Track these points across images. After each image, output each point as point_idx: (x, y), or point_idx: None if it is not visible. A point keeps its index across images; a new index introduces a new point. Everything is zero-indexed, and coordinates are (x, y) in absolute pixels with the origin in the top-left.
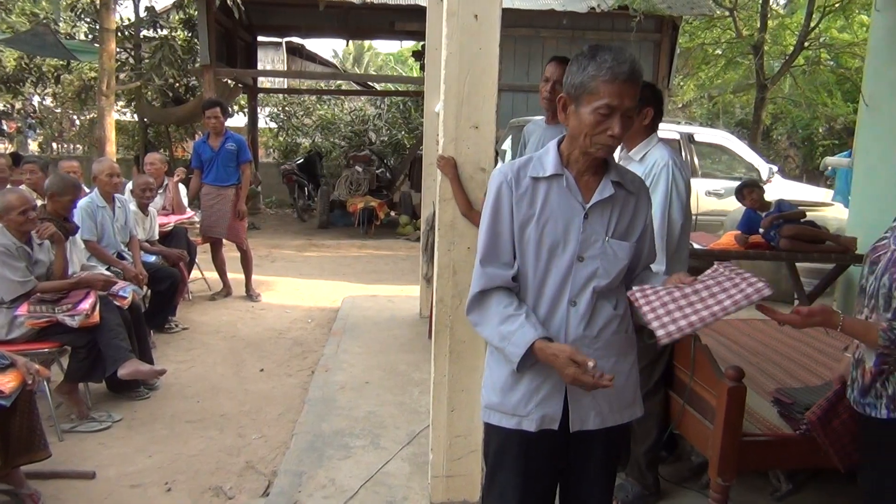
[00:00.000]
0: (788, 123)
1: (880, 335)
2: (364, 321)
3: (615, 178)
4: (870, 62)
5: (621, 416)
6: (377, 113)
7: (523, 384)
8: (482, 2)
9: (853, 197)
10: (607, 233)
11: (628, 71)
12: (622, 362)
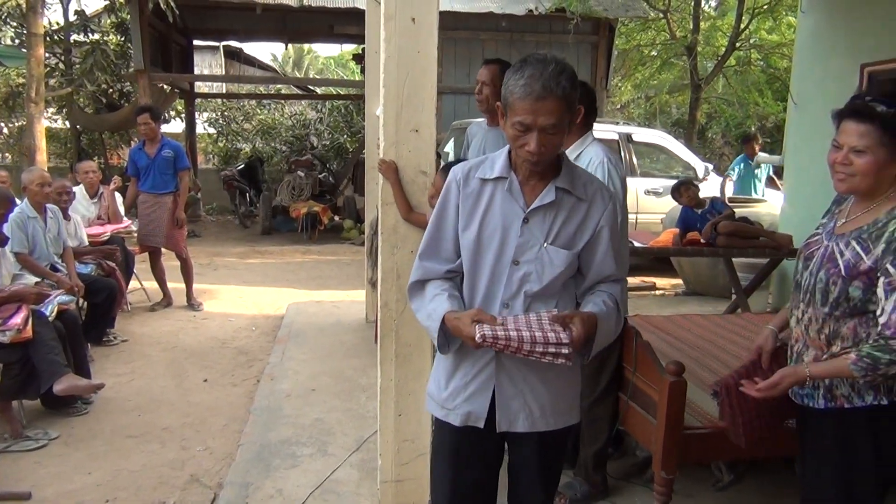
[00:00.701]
0: (722, 122)
1: (853, 368)
2: (309, 327)
3: (561, 185)
4: (797, 62)
5: (554, 422)
6: (318, 117)
7: (455, 379)
8: (419, 5)
9: (786, 193)
10: (546, 239)
11: (540, 88)
12: (557, 370)
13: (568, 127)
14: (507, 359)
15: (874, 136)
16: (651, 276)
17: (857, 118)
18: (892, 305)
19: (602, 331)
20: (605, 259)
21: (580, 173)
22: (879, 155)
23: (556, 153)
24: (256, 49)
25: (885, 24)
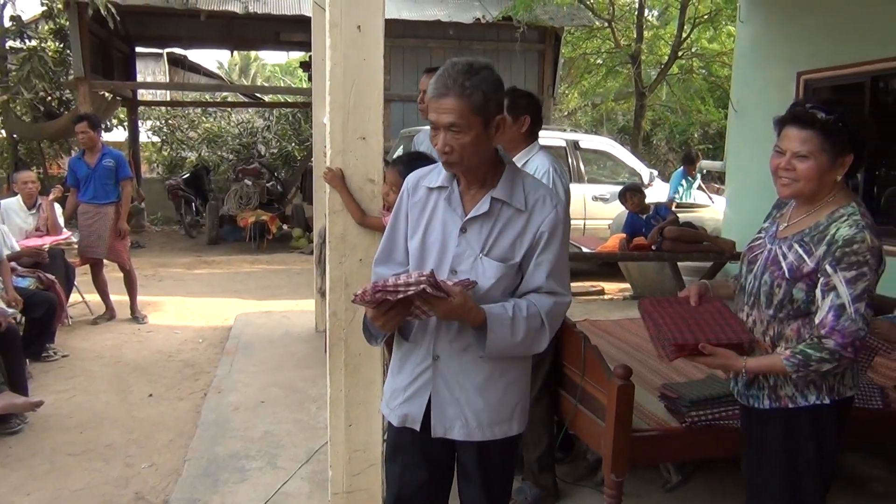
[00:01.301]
0: (667, 129)
1: (785, 364)
2: (258, 339)
3: (497, 195)
4: (737, 70)
5: (492, 432)
6: (266, 125)
7: (397, 379)
8: (365, 12)
9: (728, 198)
10: (482, 249)
11: (441, 86)
12: (496, 380)
13: (487, 130)
14: (444, 365)
15: (816, 142)
16: (599, 280)
17: (799, 124)
18: (827, 305)
19: (498, 331)
20: (535, 271)
21: (525, 183)
22: (821, 160)
23: (473, 156)
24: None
25: (820, 34)
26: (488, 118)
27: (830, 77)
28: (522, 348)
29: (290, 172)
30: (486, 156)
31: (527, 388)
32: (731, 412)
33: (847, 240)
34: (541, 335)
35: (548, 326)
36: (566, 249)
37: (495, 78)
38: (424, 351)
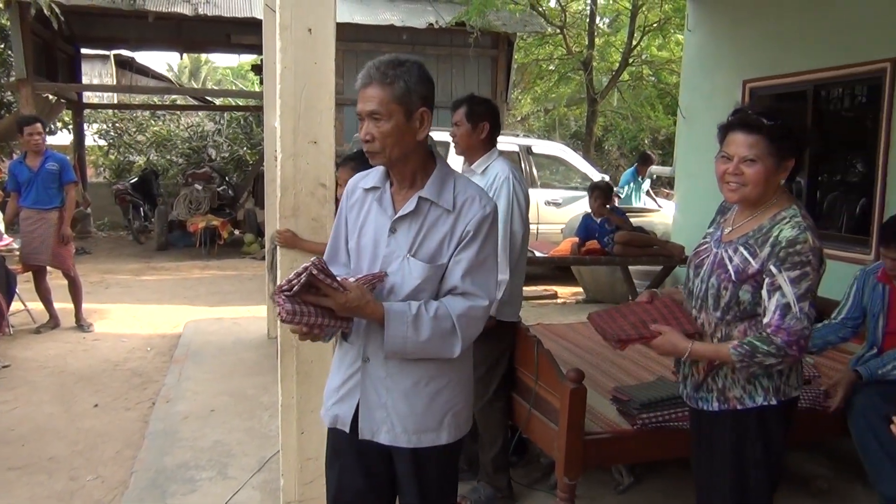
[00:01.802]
0: (618, 135)
1: (732, 353)
2: (208, 346)
3: (425, 195)
4: (685, 78)
5: (418, 439)
6: (217, 128)
7: (333, 380)
8: (315, 16)
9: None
10: (410, 250)
11: (365, 76)
12: (422, 386)
13: (410, 122)
14: (373, 367)
15: (763, 146)
16: (552, 284)
17: (745, 129)
18: (773, 305)
19: (396, 327)
20: (453, 269)
21: (456, 184)
22: (768, 164)
23: (394, 146)
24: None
25: (764, 44)
26: (410, 109)
27: (775, 85)
28: (429, 350)
29: (241, 177)
30: (408, 148)
31: (462, 396)
32: (681, 414)
33: (790, 241)
34: (451, 339)
35: (459, 330)
36: (491, 251)
37: (422, 73)
38: (356, 352)
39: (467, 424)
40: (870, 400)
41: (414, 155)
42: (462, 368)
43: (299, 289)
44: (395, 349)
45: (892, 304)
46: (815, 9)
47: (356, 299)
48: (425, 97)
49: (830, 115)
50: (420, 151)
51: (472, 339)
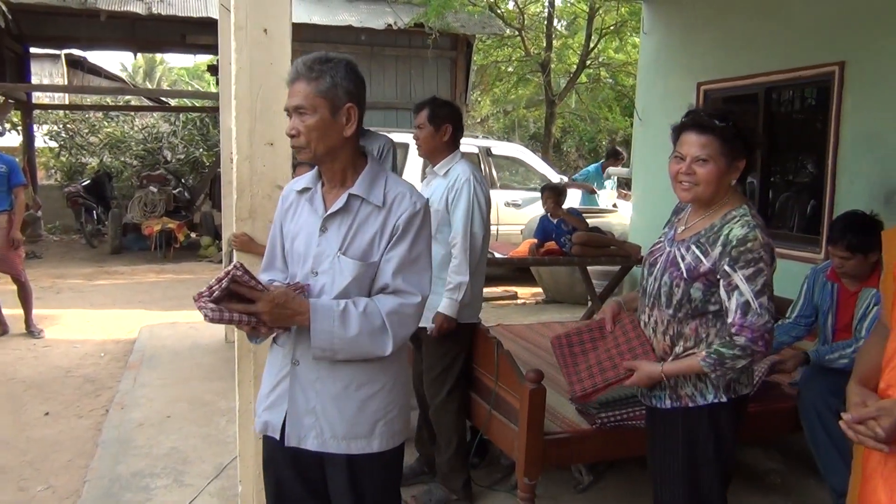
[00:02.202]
0: (576, 136)
1: (702, 364)
2: (164, 351)
3: (355, 192)
4: (641, 80)
5: (348, 445)
6: (172, 130)
7: (263, 386)
8: (271, 16)
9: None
10: (340, 248)
11: (292, 73)
12: (353, 391)
13: (336, 118)
14: (303, 371)
15: (715, 147)
16: (512, 285)
17: (698, 130)
18: (734, 304)
19: (322, 323)
20: (384, 267)
21: (388, 181)
22: (720, 164)
23: (319, 141)
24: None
25: (717, 47)
26: (336, 104)
27: (728, 87)
28: (359, 348)
29: (198, 179)
30: (334, 144)
31: (396, 404)
32: (639, 412)
33: (741, 239)
34: (382, 337)
35: (390, 328)
36: (424, 248)
37: (350, 69)
38: (284, 355)
39: (403, 433)
40: (819, 395)
41: (342, 152)
42: (395, 374)
43: (220, 294)
44: (323, 346)
45: (840, 302)
46: (766, 14)
47: (281, 296)
48: (352, 93)
49: (781, 117)
50: (348, 149)
51: (404, 337)
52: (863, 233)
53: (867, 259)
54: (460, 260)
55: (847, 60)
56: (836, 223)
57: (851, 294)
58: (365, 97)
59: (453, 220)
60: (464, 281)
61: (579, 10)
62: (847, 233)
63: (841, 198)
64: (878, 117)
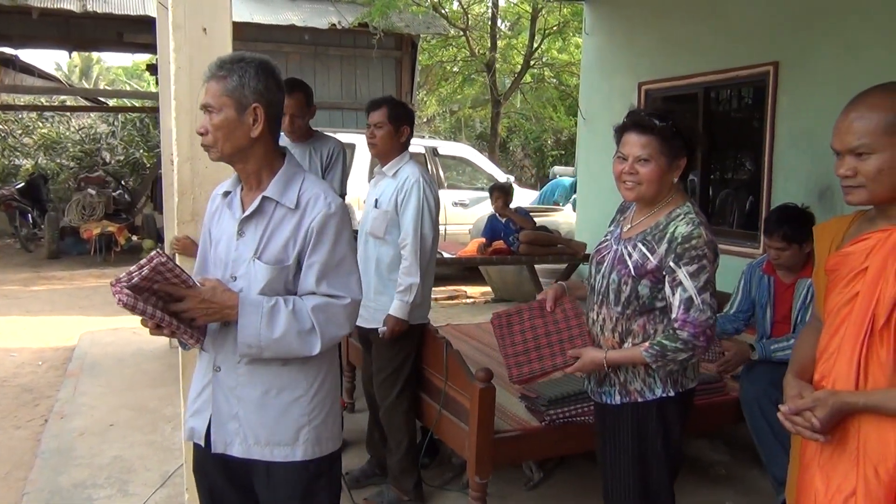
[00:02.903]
0: (522, 136)
1: (645, 354)
2: (106, 358)
3: (268, 194)
4: (584, 80)
5: (271, 452)
6: (111, 130)
7: (191, 391)
8: (211, 14)
9: (579, 202)
10: (255, 252)
11: (207, 71)
12: (273, 396)
13: (242, 117)
14: (224, 376)
15: (655, 146)
16: (461, 284)
17: (639, 130)
18: (678, 300)
19: (250, 319)
20: (306, 274)
21: (304, 183)
22: (661, 163)
23: (225, 141)
24: (36, 57)
25: (658, 48)
26: (243, 104)
27: (668, 87)
28: (285, 347)
29: (138, 180)
30: (241, 144)
31: (322, 410)
32: (587, 408)
33: (685, 236)
34: (310, 337)
35: (318, 328)
36: (347, 251)
37: (262, 69)
38: (207, 361)
39: (332, 441)
40: (761, 387)
41: (251, 153)
42: (319, 380)
43: (138, 280)
44: (249, 342)
45: (777, 295)
46: (704, 15)
47: (208, 291)
48: (260, 93)
49: (720, 116)
50: (259, 150)
51: (333, 338)
52: (797, 223)
53: (802, 249)
54: (410, 262)
55: (780, 61)
56: (771, 215)
57: (787, 286)
58: (281, 99)
59: (403, 222)
60: (415, 282)
61: (522, 10)
62: (783, 224)
63: (777, 194)
64: (810, 116)
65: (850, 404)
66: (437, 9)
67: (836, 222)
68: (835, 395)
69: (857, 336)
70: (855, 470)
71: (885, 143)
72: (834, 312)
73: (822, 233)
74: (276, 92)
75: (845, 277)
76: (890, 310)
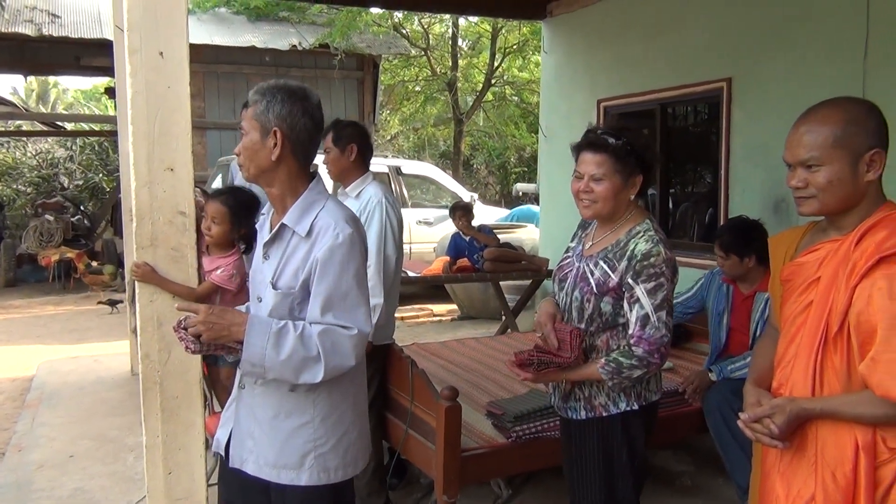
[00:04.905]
0: (485, 153)
1: (601, 371)
2: (65, 387)
3: (286, 221)
4: (544, 98)
5: (278, 475)
6: (69, 155)
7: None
8: (167, 38)
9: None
10: (272, 278)
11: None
12: (282, 420)
13: (264, 140)
14: (247, 395)
15: (609, 165)
16: (427, 303)
17: (593, 149)
18: (634, 316)
19: (256, 339)
20: (312, 304)
21: (323, 210)
22: (615, 181)
23: (250, 161)
24: None
25: (615, 65)
26: (266, 127)
27: (626, 104)
28: (289, 371)
29: (98, 205)
30: (263, 167)
31: (331, 438)
32: (553, 424)
33: (644, 254)
34: (314, 365)
35: (323, 357)
36: (353, 282)
37: (290, 95)
38: (238, 377)
39: (342, 470)
40: (722, 396)
41: (275, 176)
42: (328, 408)
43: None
44: (253, 360)
45: (735, 304)
46: (659, 33)
47: (219, 308)
48: (283, 118)
49: (678, 131)
50: (283, 174)
51: (337, 369)
52: (737, 234)
53: (742, 262)
54: (374, 282)
55: (733, 77)
56: (721, 227)
57: (745, 297)
58: (308, 125)
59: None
60: (378, 303)
61: (483, 29)
62: (723, 233)
63: (734, 207)
64: (764, 129)
65: (807, 410)
66: (397, 29)
67: (791, 233)
68: (792, 402)
69: (812, 344)
70: (813, 475)
71: (833, 156)
72: (790, 321)
73: (777, 243)
74: (301, 117)
75: (799, 287)
76: (842, 318)
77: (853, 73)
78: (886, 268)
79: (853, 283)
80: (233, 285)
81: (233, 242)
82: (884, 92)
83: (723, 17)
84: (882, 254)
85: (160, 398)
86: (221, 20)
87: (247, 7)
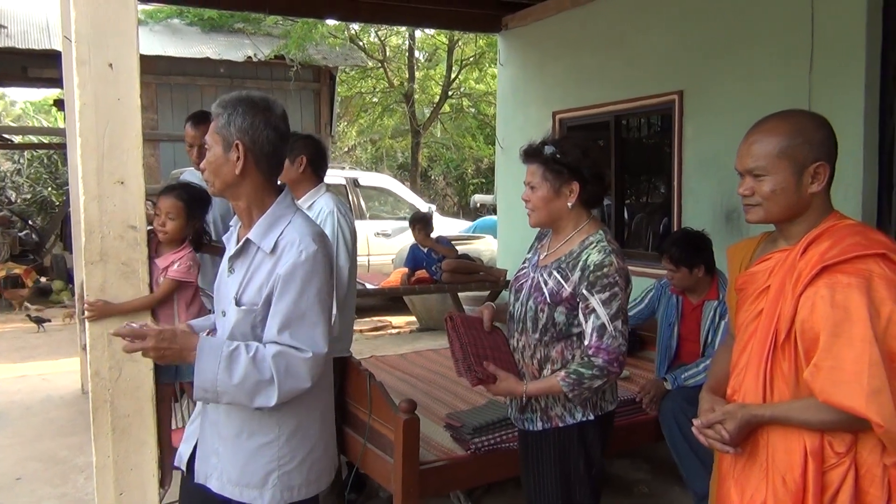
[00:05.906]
0: (443, 165)
1: (562, 384)
2: (11, 407)
3: (250, 236)
4: (500, 110)
5: (240, 493)
6: (16, 168)
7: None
8: (116, 50)
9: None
10: (236, 294)
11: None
12: (244, 439)
13: (227, 154)
14: (211, 411)
15: (540, 173)
16: (386, 315)
17: (528, 159)
18: (591, 327)
19: (207, 362)
20: (270, 322)
21: (290, 226)
22: (544, 189)
23: (215, 176)
24: None
25: (569, 78)
26: (228, 141)
27: (581, 116)
28: (241, 395)
29: (47, 220)
30: (228, 181)
31: (295, 458)
32: (512, 435)
33: (597, 265)
34: (268, 388)
35: (277, 380)
36: (313, 301)
37: (251, 108)
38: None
39: (303, 489)
40: (677, 405)
41: (241, 190)
42: (293, 427)
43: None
44: (205, 386)
45: (685, 314)
46: (612, 46)
47: (168, 331)
48: (245, 131)
49: (632, 143)
50: (248, 187)
51: (292, 392)
52: (684, 247)
53: (692, 273)
54: None
55: (685, 90)
56: (667, 239)
57: (694, 307)
58: (272, 137)
59: None
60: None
61: (439, 42)
62: (672, 247)
63: (687, 217)
64: (715, 141)
65: (757, 416)
66: (354, 41)
67: (746, 243)
68: (743, 408)
69: (762, 351)
70: (765, 480)
71: (779, 166)
72: (742, 329)
73: (733, 253)
74: (264, 129)
75: (751, 296)
76: (789, 326)
77: (799, 87)
78: (829, 277)
79: (798, 291)
80: (192, 276)
81: (183, 239)
82: (828, 104)
83: (675, 32)
84: (825, 263)
85: (111, 417)
86: (175, 31)
87: (201, 18)
